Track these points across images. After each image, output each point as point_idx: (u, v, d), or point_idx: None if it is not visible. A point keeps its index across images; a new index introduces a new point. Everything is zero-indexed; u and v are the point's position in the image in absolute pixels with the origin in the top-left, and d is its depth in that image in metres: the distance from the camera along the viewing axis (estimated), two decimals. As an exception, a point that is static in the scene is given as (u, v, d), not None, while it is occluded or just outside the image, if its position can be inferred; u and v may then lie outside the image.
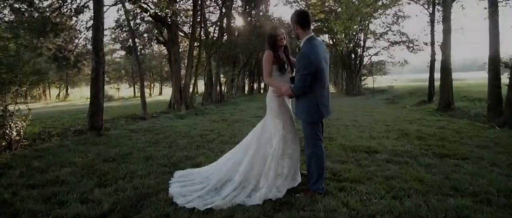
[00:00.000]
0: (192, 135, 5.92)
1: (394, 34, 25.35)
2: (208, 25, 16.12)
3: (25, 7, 9.75)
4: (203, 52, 13.92)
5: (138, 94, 38.14)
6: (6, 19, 8.88)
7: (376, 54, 28.10)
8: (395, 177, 3.16)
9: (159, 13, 9.98)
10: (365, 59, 28.68)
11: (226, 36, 17.80)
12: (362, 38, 26.90)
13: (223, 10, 14.95)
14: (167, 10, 9.05)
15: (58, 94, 35.16)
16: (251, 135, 3.05)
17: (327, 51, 2.89)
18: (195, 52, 12.38)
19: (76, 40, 12.30)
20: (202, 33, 15.94)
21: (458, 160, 3.80)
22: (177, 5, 13.02)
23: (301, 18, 2.77)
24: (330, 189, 2.86)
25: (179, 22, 14.22)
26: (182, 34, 15.58)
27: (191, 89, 11.60)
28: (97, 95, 5.87)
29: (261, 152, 2.86)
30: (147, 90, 39.47)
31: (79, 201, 2.67)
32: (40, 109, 18.29)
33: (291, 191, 2.81)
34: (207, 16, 17.37)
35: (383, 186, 2.92)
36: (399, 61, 27.15)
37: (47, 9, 10.14)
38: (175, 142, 5.25)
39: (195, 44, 12.30)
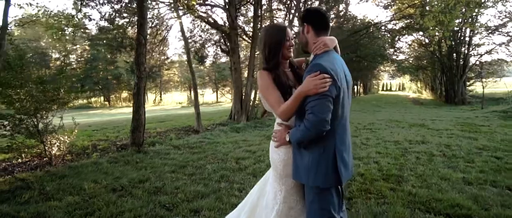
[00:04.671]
0: (229, 157, 5.21)
1: (517, 26, 20.00)
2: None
3: (109, 24, 10.83)
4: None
5: (220, 100, 40.52)
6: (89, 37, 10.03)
7: (489, 52, 22.57)
8: None
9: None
10: (472, 60, 23.40)
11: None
12: (467, 34, 22.01)
13: (293, 11, 13.97)
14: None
15: (154, 99, 40.13)
16: (246, 201, 2.07)
17: (347, 69, 1.72)
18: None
19: (153, 53, 13.26)
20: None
21: None
22: (242, 11, 12.76)
23: (317, 17, 1.73)
24: None
25: (246, 29, 13.96)
26: (250, 40, 15.30)
27: (252, 99, 11.05)
28: (138, 110, 5.75)
29: None
30: (228, 96, 41.53)
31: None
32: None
33: None
34: (280, 20, 16.68)
35: None
36: (524, 61, 21.19)
37: (125, 25, 11.11)
38: (203, 167, 4.63)
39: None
